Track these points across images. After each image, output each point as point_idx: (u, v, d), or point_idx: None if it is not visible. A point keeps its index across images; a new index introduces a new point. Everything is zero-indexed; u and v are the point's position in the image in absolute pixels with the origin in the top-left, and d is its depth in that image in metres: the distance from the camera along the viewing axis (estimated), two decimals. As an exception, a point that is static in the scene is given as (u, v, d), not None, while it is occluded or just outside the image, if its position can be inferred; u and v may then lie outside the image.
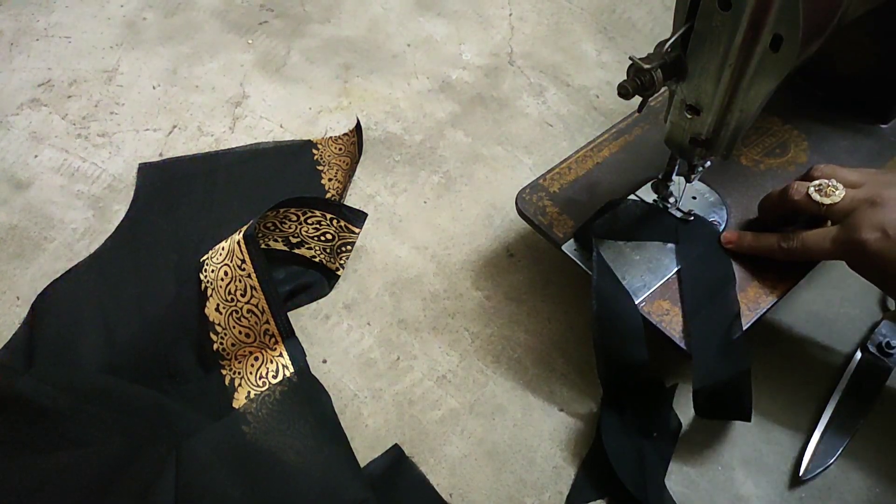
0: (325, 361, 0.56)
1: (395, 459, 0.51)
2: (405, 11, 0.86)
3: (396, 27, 0.84)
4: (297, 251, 0.61)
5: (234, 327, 0.54)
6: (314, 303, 0.60)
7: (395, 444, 0.51)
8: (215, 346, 0.55)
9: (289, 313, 0.57)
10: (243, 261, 0.54)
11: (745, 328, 0.49)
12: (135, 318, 0.57)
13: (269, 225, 0.59)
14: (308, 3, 0.88)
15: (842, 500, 0.49)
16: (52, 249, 0.63)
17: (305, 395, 0.52)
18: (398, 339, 0.58)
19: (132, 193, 0.67)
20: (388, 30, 0.84)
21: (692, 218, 0.54)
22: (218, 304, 0.55)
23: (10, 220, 0.66)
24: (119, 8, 0.86)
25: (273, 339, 0.53)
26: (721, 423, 0.52)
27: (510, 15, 0.86)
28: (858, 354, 0.55)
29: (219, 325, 0.55)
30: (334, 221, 0.60)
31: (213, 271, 0.56)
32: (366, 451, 0.51)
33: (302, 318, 0.59)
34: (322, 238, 0.60)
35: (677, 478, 0.50)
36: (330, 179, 0.67)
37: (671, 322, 0.50)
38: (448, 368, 0.56)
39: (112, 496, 0.46)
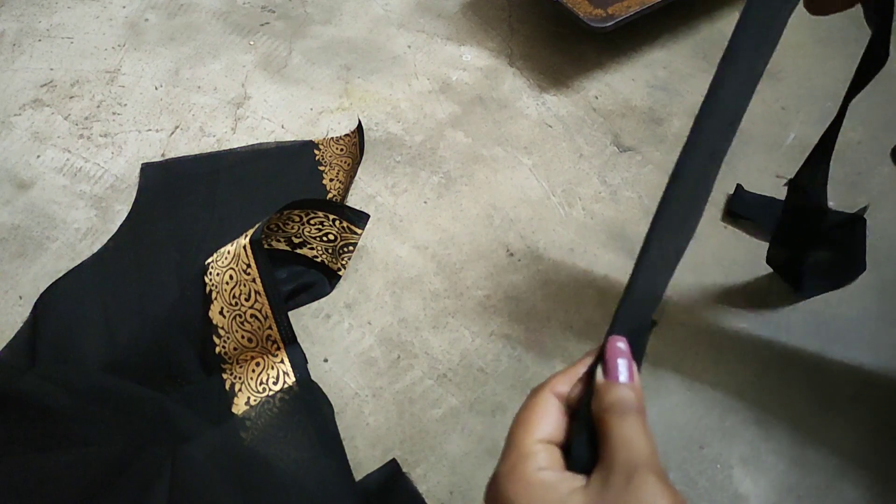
0: (325, 360, 0.57)
1: (391, 475, 0.50)
2: (406, 13, 0.87)
3: (397, 28, 0.85)
4: (299, 251, 0.61)
5: (236, 331, 0.54)
6: (315, 302, 0.60)
7: (393, 459, 0.51)
8: (217, 350, 0.55)
9: (290, 312, 0.57)
10: (249, 265, 0.54)
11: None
12: (136, 318, 0.58)
13: (272, 226, 0.59)
14: (309, 4, 0.88)
15: (841, 500, 0.49)
16: (55, 249, 0.64)
17: (305, 406, 0.51)
18: (399, 339, 0.58)
19: (134, 193, 0.67)
20: (389, 31, 0.84)
21: None
22: (222, 308, 0.55)
23: (12, 220, 0.66)
24: (121, 9, 0.86)
25: (275, 345, 0.53)
26: (719, 421, 0.53)
27: (510, 17, 0.86)
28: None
29: (222, 328, 0.55)
30: (337, 222, 0.60)
31: (217, 274, 0.56)
32: (366, 450, 0.52)
33: (303, 318, 0.59)
34: (324, 238, 0.60)
35: (676, 476, 0.50)
36: (331, 180, 0.67)
37: None
38: (448, 367, 0.56)
39: (111, 496, 0.46)
